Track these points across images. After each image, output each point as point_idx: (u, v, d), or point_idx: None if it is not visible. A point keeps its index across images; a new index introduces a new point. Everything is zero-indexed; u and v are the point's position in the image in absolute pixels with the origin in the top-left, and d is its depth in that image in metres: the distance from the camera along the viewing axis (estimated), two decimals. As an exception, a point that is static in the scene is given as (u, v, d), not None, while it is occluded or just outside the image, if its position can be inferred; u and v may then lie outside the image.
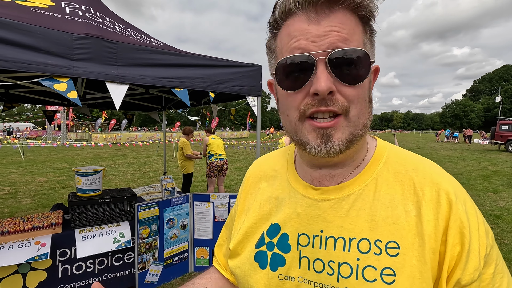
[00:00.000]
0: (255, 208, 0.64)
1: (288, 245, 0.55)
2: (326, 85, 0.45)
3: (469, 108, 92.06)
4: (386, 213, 0.50)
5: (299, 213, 0.56)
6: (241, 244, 0.63)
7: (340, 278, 0.49)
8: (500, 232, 4.44)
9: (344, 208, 0.53)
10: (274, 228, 0.58)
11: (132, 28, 2.87)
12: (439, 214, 0.48)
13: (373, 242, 0.49)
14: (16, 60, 1.66)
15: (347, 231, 0.51)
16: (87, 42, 1.91)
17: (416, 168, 0.54)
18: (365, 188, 0.53)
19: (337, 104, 0.47)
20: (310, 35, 0.46)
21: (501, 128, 18.50)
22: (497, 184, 7.88)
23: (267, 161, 0.72)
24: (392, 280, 0.46)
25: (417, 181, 0.52)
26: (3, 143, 11.73)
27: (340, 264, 0.50)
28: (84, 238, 2.52)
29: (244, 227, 0.64)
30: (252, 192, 0.69)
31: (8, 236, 2.30)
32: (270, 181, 0.66)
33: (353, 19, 0.48)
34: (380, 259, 0.48)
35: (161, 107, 5.17)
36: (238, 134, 40.83)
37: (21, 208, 5.63)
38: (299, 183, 0.60)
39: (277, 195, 0.62)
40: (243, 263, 0.61)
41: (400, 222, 0.49)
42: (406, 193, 0.51)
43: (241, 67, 2.78)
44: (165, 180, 3.52)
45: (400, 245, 0.48)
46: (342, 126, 0.48)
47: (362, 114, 0.49)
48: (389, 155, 0.57)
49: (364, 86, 0.49)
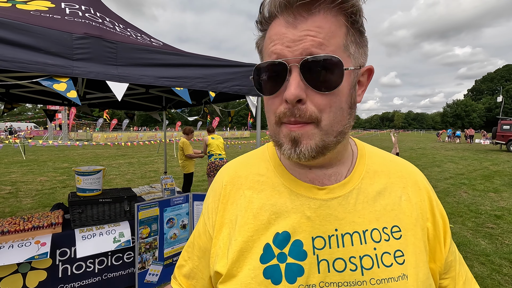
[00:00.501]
0: (248, 219, 0.56)
1: (304, 251, 0.52)
2: (293, 94, 0.45)
3: (470, 108, 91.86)
4: (384, 201, 0.55)
5: (309, 216, 0.54)
6: (237, 263, 0.54)
7: (364, 271, 0.50)
8: (501, 232, 4.42)
9: (350, 204, 0.55)
10: (283, 237, 0.53)
11: (132, 28, 2.87)
12: (420, 197, 0.58)
13: (381, 230, 0.53)
14: (16, 60, 1.66)
15: (359, 225, 0.53)
16: (87, 42, 1.91)
17: (392, 159, 0.63)
18: (362, 182, 0.57)
19: (304, 116, 0.47)
20: (286, 40, 0.46)
21: (502, 128, 18.45)
22: (498, 184, 7.86)
23: (245, 166, 0.64)
24: (403, 260, 0.51)
25: (398, 170, 0.60)
26: (4, 143, 11.76)
27: (361, 258, 0.51)
28: (84, 238, 2.53)
29: (237, 242, 0.55)
30: (233, 202, 0.60)
31: (8, 235, 2.30)
32: (256, 187, 0.59)
33: (334, 21, 0.46)
34: (390, 244, 0.52)
35: (162, 107, 5.17)
36: (239, 133, 40.86)
37: (22, 207, 5.64)
38: (299, 185, 0.57)
39: (274, 202, 0.56)
40: (246, 284, 0.52)
41: (396, 208, 0.55)
42: (394, 181, 0.58)
43: (241, 66, 2.77)
44: (165, 180, 3.53)
45: (401, 227, 0.54)
46: (311, 133, 0.48)
47: (336, 122, 0.49)
48: (368, 150, 0.63)
49: (340, 94, 0.48)
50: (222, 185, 0.63)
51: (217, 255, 0.57)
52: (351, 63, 0.49)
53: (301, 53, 0.45)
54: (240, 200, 0.59)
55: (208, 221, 0.62)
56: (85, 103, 4.75)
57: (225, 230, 0.58)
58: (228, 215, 0.59)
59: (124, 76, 2.07)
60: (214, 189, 0.65)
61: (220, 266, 0.56)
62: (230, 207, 0.60)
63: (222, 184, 0.63)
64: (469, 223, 4.78)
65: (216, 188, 0.64)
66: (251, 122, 36.74)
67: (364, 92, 0.55)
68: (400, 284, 0.50)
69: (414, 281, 0.50)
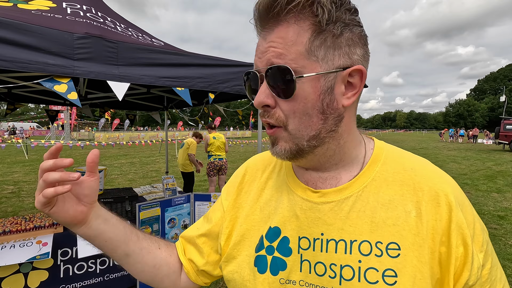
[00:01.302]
0: (256, 210, 0.63)
1: (289, 248, 0.55)
2: (257, 100, 0.51)
3: (473, 107, 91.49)
4: (386, 214, 0.50)
5: (298, 216, 0.56)
6: (238, 246, 0.61)
7: (342, 281, 0.49)
8: (505, 233, 4.39)
9: (344, 210, 0.53)
10: (274, 232, 0.57)
11: (133, 28, 2.87)
12: (437, 215, 0.49)
13: (374, 244, 0.49)
14: (17, 60, 1.66)
15: (348, 234, 0.51)
16: (88, 42, 1.90)
17: (414, 167, 0.54)
18: (364, 190, 0.53)
19: (272, 117, 0.51)
20: (259, 51, 0.51)
21: (505, 128, 18.34)
22: (502, 185, 7.81)
23: (264, 161, 0.70)
24: (394, 281, 0.47)
25: (416, 181, 0.52)
26: (7, 143, 11.82)
27: (342, 267, 0.50)
28: (86, 238, 2.53)
29: (242, 228, 0.62)
30: (247, 191, 0.67)
31: (9, 235, 2.30)
32: (268, 183, 0.65)
33: (295, 28, 0.47)
34: (381, 260, 0.48)
35: (163, 106, 5.17)
36: (241, 133, 40.91)
37: (24, 207, 5.66)
38: (297, 185, 0.59)
39: (276, 198, 0.61)
40: (242, 268, 0.59)
41: (400, 223, 0.49)
42: (406, 193, 0.52)
43: (243, 66, 2.76)
44: (166, 180, 3.52)
45: (400, 246, 0.48)
46: (282, 136, 0.52)
47: (304, 127, 0.50)
48: (387, 155, 0.57)
49: (303, 100, 0.49)
50: (242, 173, 0.70)
51: (224, 234, 0.64)
52: (319, 68, 0.48)
53: (265, 64, 0.50)
54: (253, 191, 0.65)
55: (225, 201, 0.69)
56: (87, 103, 4.76)
57: (234, 213, 0.65)
58: (239, 201, 0.66)
59: (125, 76, 2.06)
60: (236, 175, 0.72)
61: (226, 245, 0.63)
62: (243, 195, 0.66)
63: (242, 173, 0.70)
64: (472, 224, 4.76)
65: (238, 174, 0.72)
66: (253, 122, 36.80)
67: (356, 94, 0.51)
68: None
69: None
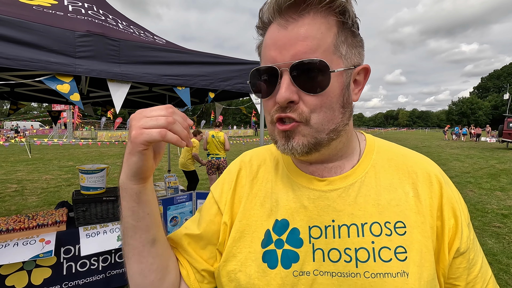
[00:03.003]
0: (255, 204, 0.61)
1: (300, 239, 0.54)
2: (284, 97, 0.48)
3: (476, 105, 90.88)
4: (389, 196, 0.54)
5: (306, 206, 0.56)
6: (238, 243, 0.59)
7: (358, 263, 0.50)
8: (509, 231, 4.36)
9: (351, 196, 0.55)
10: (282, 224, 0.56)
11: (135, 26, 2.87)
12: (432, 193, 0.55)
13: (383, 224, 0.52)
14: (18, 58, 1.66)
15: (358, 217, 0.53)
16: (90, 40, 1.90)
17: (404, 154, 0.61)
18: (366, 176, 0.57)
19: (295, 112, 0.50)
20: (278, 44, 0.49)
21: (509, 126, 18.19)
22: (505, 183, 7.75)
23: (259, 157, 0.69)
24: (404, 257, 0.50)
25: (409, 165, 0.58)
26: (10, 142, 11.90)
27: (356, 250, 0.51)
28: (88, 236, 2.53)
29: (242, 223, 0.60)
30: (243, 185, 0.64)
31: (13, 233, 2.31)
32: (266, 177, 0.64)
33: (323, 22, 0.48)
34: (392, 239, 0.51)
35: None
36: (242, 132, 40.93)
37: (28, 205, 5.70)
38: (301, 176, 0.60)
39: (278, 191, 0.60)
40: (246, 266, 0.56)
41: (402, 203, 0.54)
42: (402, 176, 0.57)
43: (244, 64, 2.75)
44: (168, 178, 3.53)
45: (406, 224, 0.52)
46: (301, 130, 0.51)
47: (328, 120, 0.51)
48: (379, 145, 0.62)
49: (330, 94, 0.50)
50: (237, 169, 0.68)
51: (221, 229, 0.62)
52: (342, 64, 0.50)
53: (291, 58, 0.48)
54: (250, 186, 0.64)
55: (219, 198, 0.65)
56: (89, 101, 4.77)
57: (232, 209, 0.63)
58: (237, 197, 0.64)
59: (127, 74, 2.06)
60: (230, 171, 0.69)
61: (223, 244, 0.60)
62: (240, 189, 0.64)
63: (237, 168, 0.68)
64: (476, 222, 4.72)
65: (232, 170, 0.68)
66: (254, 120, 36.78)
67: (361, 91, 0.56)
68: (398, 281, 0.48)
69: (415, 280, 0.49)
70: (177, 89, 2.32)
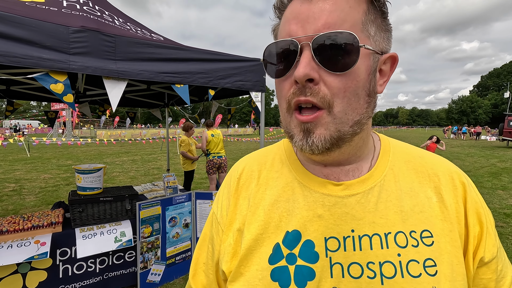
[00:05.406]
0: (259, 216, 0.53)
1: (315, 253, 0.47)
2: (303, 71, 0.42)
3: (476, 104, 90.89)
4: (412, 202, 0.48)
5: (320, 214, 0.49)
6: (245, 261, 0.50)
7: (384, 280, 0.44)
8: (511, 231, 4.31)
9: (371, 202, 0.48)
10: (293, 237, 0.49)
11: (132, 22, 2.80)
12: (457, 197, 0.49)
13: (408, 234, 0.46)
14: (10, 54, 1.59)
15: (381, 226, 0.47)
16: (84, 36, 1.84)
17: (422, 156, 0.55)
18: (385, 179, 0.50)
19: (316, 95, 0.43)
20: (300, 18, 0.44)
21: (509, 125, 18.15)
22: (507, 182, 7.70)
23: (259, 161, 0.60)
24: (435, 271, 0.44)
25: (428, 168, 0.52)
26: (8, 141, 11.83)
27: (381, 264, 0.45)
28: (85, 237, 2.48)
29: (246, 240, 0.51)
30: (245, 197, 0.56)
31: (7, 235, 2.25)
32: (270, 183, 0.55)
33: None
34: (419, 250, 0.45)
35: (164, 103, 5.10)
36: (242, 131, 40.85)
37: (25, 205, 5.64)
38: (313, 180, 0.52)
39: (286, 198, 0.52)
40: (253, 285, 0.48)
41: (426, 210, 0.48)
42: (422, 180, 0.51)
43: (244, 61, 2.69)
44: (167, 178, 3.47)
45: (432, 233, 0.46)
46: (324, 122, 0.44)
47: (352, 109, 0.44)
48: (394, 146, 0.56)
49: (356, 77, 0.43)
50: (235, 178, 0.60)
51: (226, 251, 0.53)
52: (370, 44, 0.44)
53: (314, 31, 0.42)
54: (252, 195, 0.55)
55: (221, 219, 0.58)
56: (86, 100, 4.70)
57: (235, 225, 0.54)
58: (239, 210, 0.56)
59: (123, 71, 2.00)
60: (227, 183, 0.61)
61: (229, 264, 0.52)
62: (242, 201, 0.56)
63: (235, 178, 0.60)
64: (478, 222, 4.68)
65: (229, 182, 0.61)
66: (254, 119, 36.74)
67: (386, 82, 0.50)
68: None
69: None
70: (175, 87, 2.26)
